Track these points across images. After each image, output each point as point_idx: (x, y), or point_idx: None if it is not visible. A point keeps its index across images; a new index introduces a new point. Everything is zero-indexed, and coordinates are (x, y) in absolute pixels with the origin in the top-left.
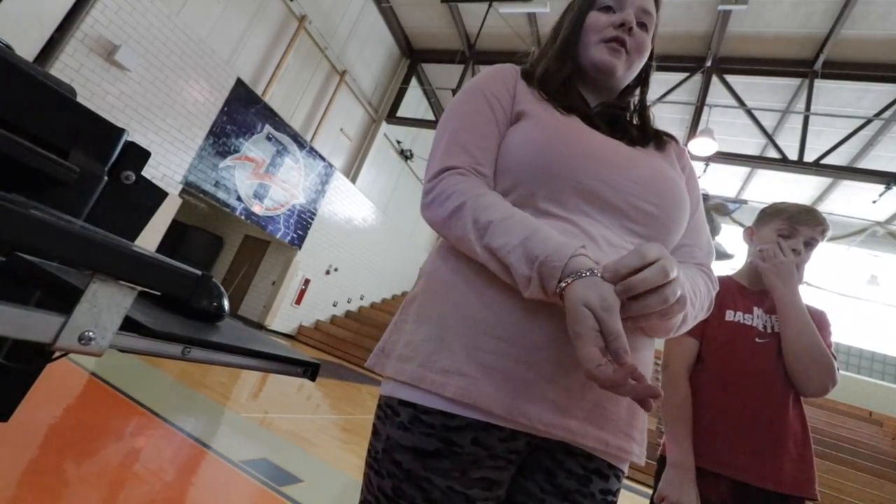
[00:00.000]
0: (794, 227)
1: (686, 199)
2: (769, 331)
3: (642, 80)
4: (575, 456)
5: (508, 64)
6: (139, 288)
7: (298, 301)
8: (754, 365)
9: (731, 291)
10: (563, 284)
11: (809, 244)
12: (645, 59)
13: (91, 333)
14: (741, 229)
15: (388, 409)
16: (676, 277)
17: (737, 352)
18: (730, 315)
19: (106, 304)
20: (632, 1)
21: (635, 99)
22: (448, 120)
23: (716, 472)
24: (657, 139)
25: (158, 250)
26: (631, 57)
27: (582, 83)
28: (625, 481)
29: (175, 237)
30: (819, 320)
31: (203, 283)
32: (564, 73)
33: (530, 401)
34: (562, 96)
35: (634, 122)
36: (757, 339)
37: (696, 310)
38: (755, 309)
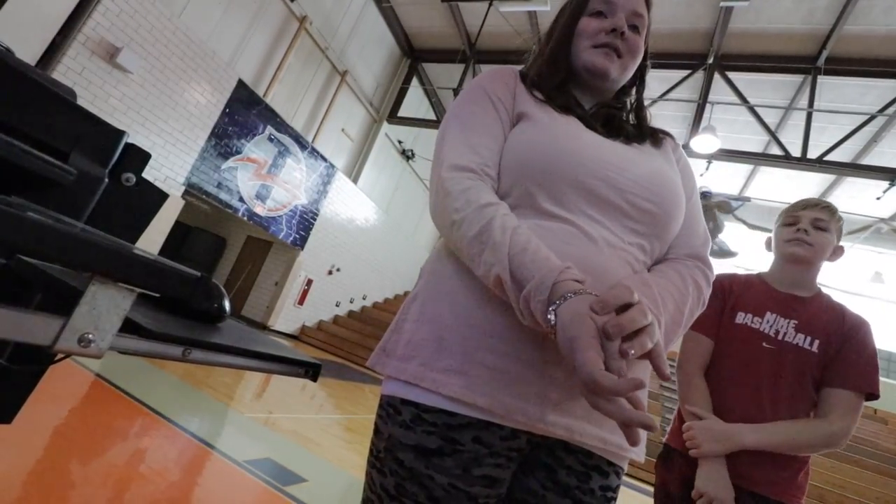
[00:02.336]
0: (795, 215)
1: (682, 196)
2: (780, 338)
3: (638, 80)
4: (574, 453)
5: (508, 66)
6: (138, 290)
7: (301, 301)
8: (753, 369)
9: (753, 291)
10: (552, 318)
11: (818, 226)
12: (639, 61)
13: (91, 335)
14: (744, 227)
15: (390, 409)
16: (652, 321)
17: (739, 355)
18: (740, 317)
19: (105, 307)
20: (622, 5)
21: (632, 98)
22: (455, 118)
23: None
24: (653, 137)
25: (162, 252)
26: (624, 60)
27: (576, 86)
28: (625, 478)
29: (178, 239)
30: (865, 331)
31: (202, 284)
32: (559, 77)
33: (530, 400)
34: (558, 97)
35: (630, 121)
36: (764, 345)
37: (675, 326)
38: (768, 314)
